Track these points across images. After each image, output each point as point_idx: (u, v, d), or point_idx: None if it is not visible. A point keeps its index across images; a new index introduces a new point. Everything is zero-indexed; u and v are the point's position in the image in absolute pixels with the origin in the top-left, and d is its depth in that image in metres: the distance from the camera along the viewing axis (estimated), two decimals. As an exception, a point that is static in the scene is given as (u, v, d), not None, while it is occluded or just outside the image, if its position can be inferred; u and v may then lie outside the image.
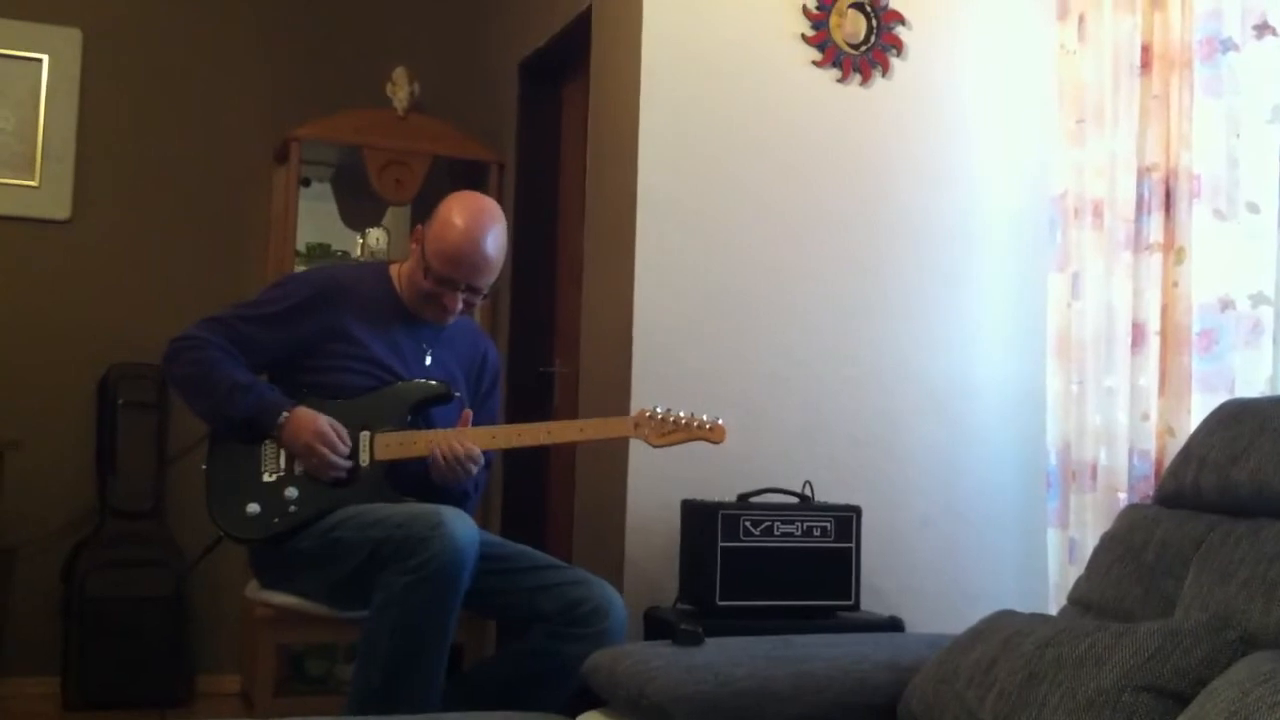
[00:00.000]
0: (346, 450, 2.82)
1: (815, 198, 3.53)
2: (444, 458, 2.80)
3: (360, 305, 2.95)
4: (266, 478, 2.83)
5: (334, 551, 2.73)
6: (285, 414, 2.81)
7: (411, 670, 2.58)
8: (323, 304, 2.92)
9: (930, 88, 3.65)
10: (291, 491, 2.82)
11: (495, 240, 2.92)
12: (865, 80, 3.58)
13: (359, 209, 4.71)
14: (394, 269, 3.06)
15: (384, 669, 2.58)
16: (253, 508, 2.81)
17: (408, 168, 4.44)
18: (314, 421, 2.80)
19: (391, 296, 3.00)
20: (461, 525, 2.60)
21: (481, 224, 2.91)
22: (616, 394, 3.37)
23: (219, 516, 2.85)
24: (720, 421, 2.94)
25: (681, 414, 2.92)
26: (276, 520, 2.81)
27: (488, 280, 2.94)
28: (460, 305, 2.93)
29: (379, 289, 3.00)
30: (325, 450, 2.79)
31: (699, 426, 2.92)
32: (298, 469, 2.83)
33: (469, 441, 2.83)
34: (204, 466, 2.89)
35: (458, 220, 2.90)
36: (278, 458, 2.83)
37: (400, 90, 4.49)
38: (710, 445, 2.95)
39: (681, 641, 2.44)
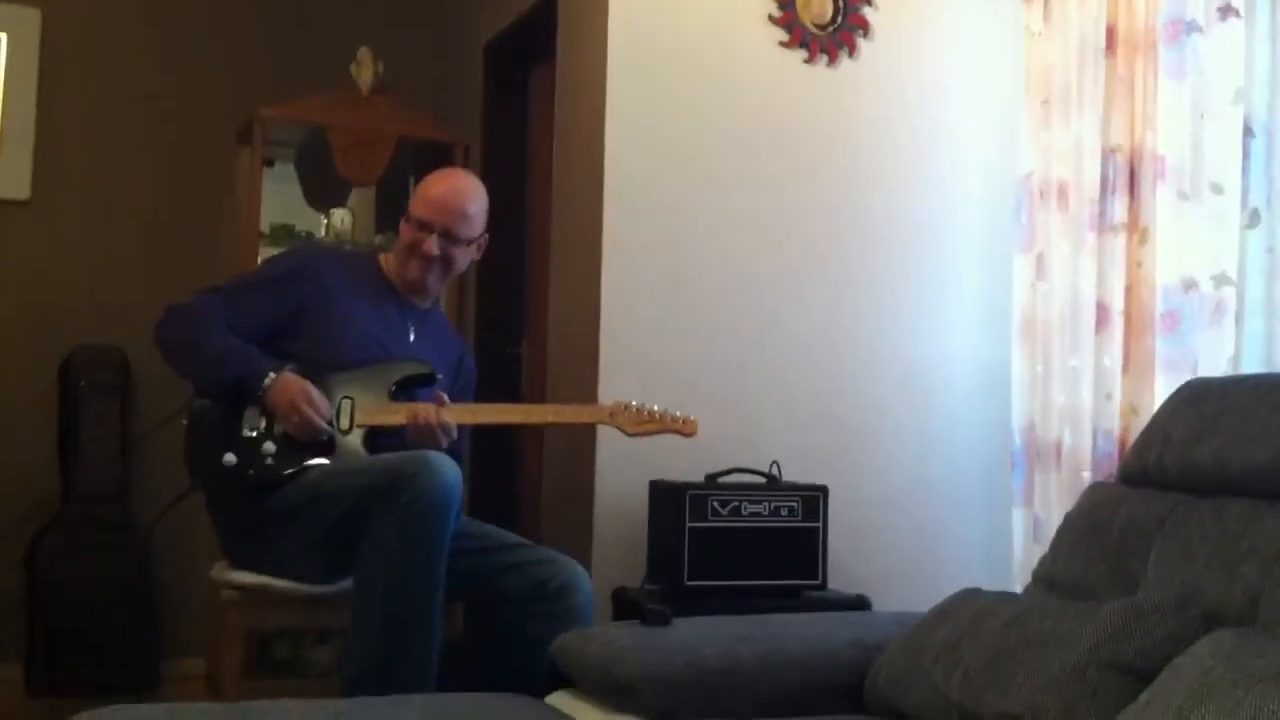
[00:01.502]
0: (329, 415, 2.86)
1: (782, 179, 3.53)
2: (418, 423, 2.85)
3: (351, 282, 3.05)
4: (246, 432, 2.87)
5: (316, 503, 2.77)
6: (272, 375, 2.85)
7: (411, 614, 2.60)
8: (314, 276, 3.01)
9: (897, 70, 3.65)
10: (269, 446, 2.86)
11: (473, 195, 3.09)
12: (832, 61, 3.58)
13: (323, 190, 4.67)
14: (383, 257, 3.17)
15: (382, 617, 2.59)
16: (229, 458, 2.85)
17: (372, 149, 4.41)
18: (300, 383, 2.85)
19: (380, 277, 3.11)
20: (447, 463, 2.64)
21: (461, 179, 3.15)
22: (583, 376, 3.37)
23: (195, 466, 2.91)
24: (693, 417, 3.01)
25: (656, 408, 3.01)
26: (252, 472, 2.84)
27: (465, 229, 3.04)
28: (437, 251, 3.01)
29: (370, 270, 3.13)
30: (308, 410, 2.83)
31: (673, 420, 3.01)
32: (278, 429, 2.86)
33: (447, 414, 2.88)
34: (184, 421, 2.94)
35: (440, 176, 3.14)
36: (258, 417, 2.87)
37: (365, 71, 4.45)
38: (680, 430, 3.02)
39: (650, 621, 2.45)
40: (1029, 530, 3.45)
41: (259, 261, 4.10)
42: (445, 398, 2.93)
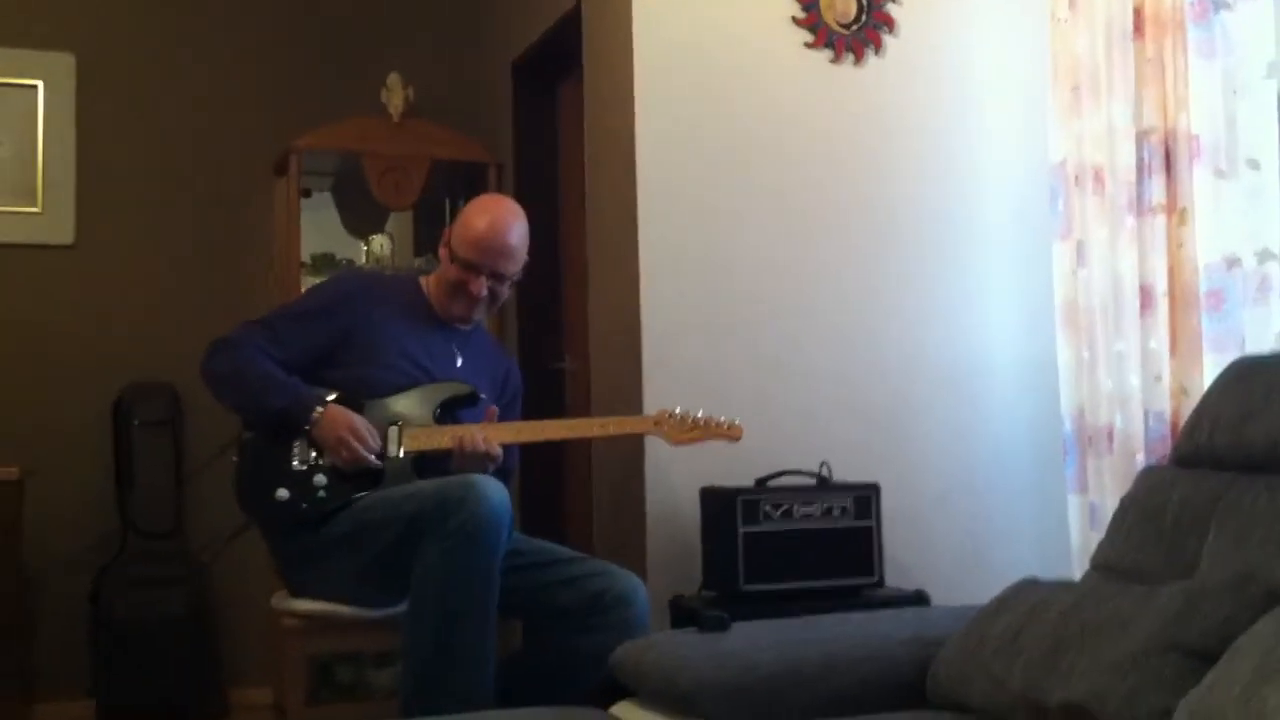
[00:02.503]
0: (377, 447, 2.88)
1: (815, 181, 3.53)
2: (465, 446, 2.86)
3: (394, 307, 3.08)
4: (296, 465, 2.89)
5: (367, 531, 2.79)
6: (319, 410, 2.88)
7: (463, 636, 2.62)
8: (357, 304, 3.04)
9: (924, 64, 3.65)
10: (320, 479, 2.88)
11: (518, 230, 3.07)
12: (859, 60, 3.58)
13: (361, 216, 4.72)
14: (424, 280, 3.19)
15: (434, 641, 2.62)
16: (282, 493, 2.88)
17: (407, 173, 4.45)
18: (347, 417, 2.88)
19: (423, 301, 3.13)
20: (494, 486, 2.66)
21: (504, 214, 3.09)
22: (628, 387, 3.38)
23: (248, 501, 2.95)
24: (738, 421, 3.00)
25: (700, 414, 3.01)
26: (305, 506, 2.87)
27: (511, 267, 3.06)
28: (485, 292, 3.03)
29: (411, 294, 3.14)
30: (356, 445, 2.85)
31: (718, 425, 3.01)
32: (327, 461, 2.88)
33: (493, 435, 2.89)
34: (234, 458, 2.98)
35: (482, 211, 3.09)
36: (307, 450, 2.90)
37: (395, 96, 4.49)
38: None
39: (707, 628, 2.45)
40: (1085, 517, 3.42)
41: (302, 290, 4.14)
42: (496, 411, 2.95)
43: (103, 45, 4.53)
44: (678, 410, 3.01)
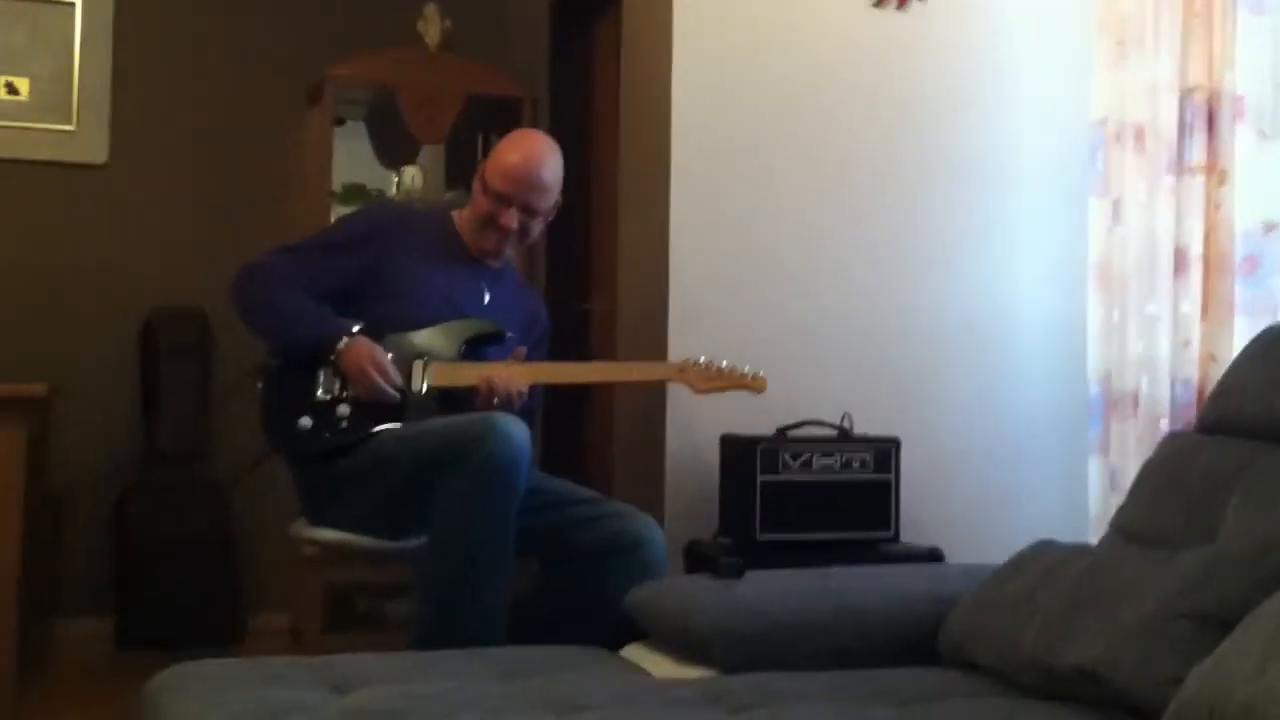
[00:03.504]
0: (399, 381, 2.89)
1: (849, 131, 3.49)
2: (491, 388, 2.86)
3: (424, 241, 3.07)
4: (321, 395, 2.91)
5: (387, 464, 2.81)
6: (345, 339, 2.89)
7: (479, 574, 2.64)
8: (387, 236, 3.04)
9: (968, 12, 3.59)
10: (344, 409, 2.90)
11: (552, 165, 3.07)
12: (902, 4, 3.52)
13: (393, 148, 4.71)
14: (456, 214, 3.17)
15: (452, 577, 2.64)
16: (305, 421, 2.89)
17: (440, 106, 4.43)
18: (370, 349, 2.88)
19: (454, 237, 3.12)
20: (515, 424, 2.66)
21: (540, 148, 3.09)
22: (654, 331, 3.37)
23: (272, 429, 2.97)
24: (762, 373, 2.99)
25: (725, 364, 3.00)
26: (328, 435, 2.89)
27: (543, 201, 3.05)
28: (515, 225, 3.02)
29: (443, 228, 3.14)
30: (376, 377, 2.85)
31: (741, 377, 3.00)
32: (350, 391, 2.89)
33: (519, 375, 2.89)
34: (259, 384, 2.99)
35: (517, 145, 3.10)
36: (333, 380, 2.91)
37: (432, 28, 4.46)
38: (750, 385, 3.02)
39: (722, 574, 2.46)
40: (1106, 480, 3.40)
41: (331, 220, 4.14)
42: (523, 352, 2.95)
43: (142, -33, 4.51)
44: (702, 359, 3.00)
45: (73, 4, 4.44)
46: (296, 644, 4.20)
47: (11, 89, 4.40)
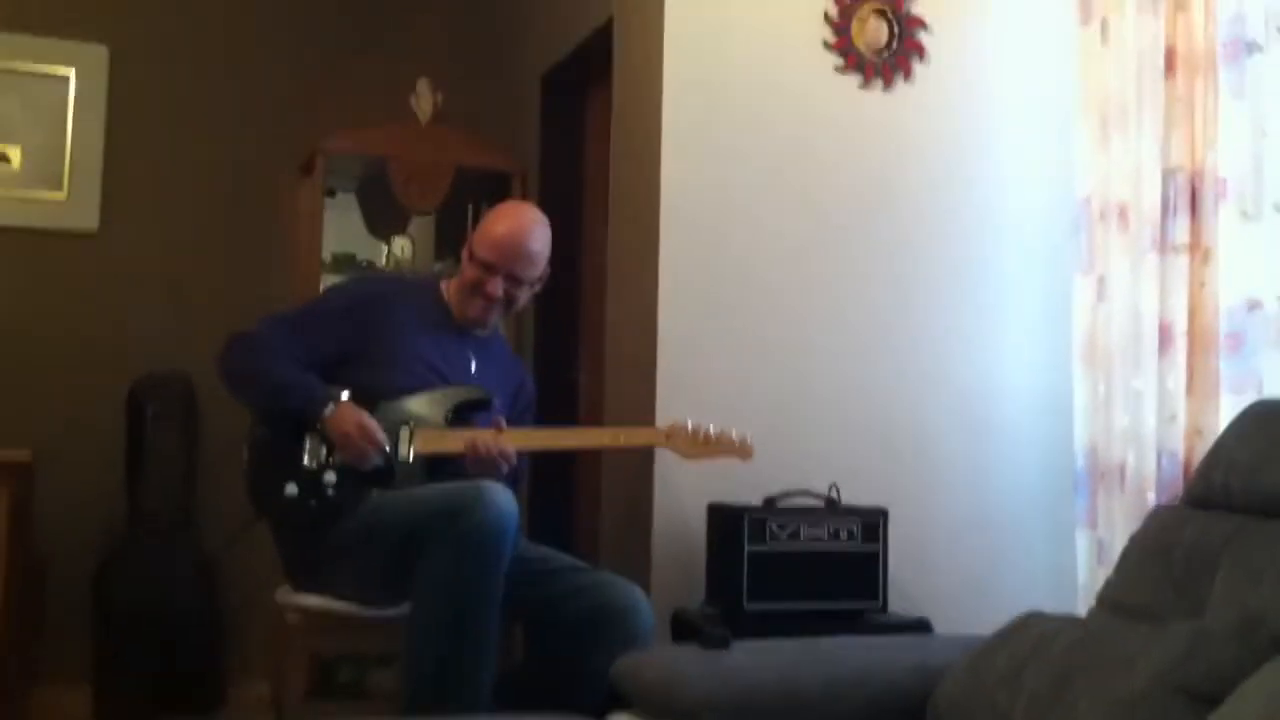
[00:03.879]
0: (385, 446, 2.89)
1: (840, 205, 3.53)
2: (477, 452, 2.87)
3: (413, 311, 3.09)
4: (307, 462, 2.91)
5: (374, 532, 2.80)
6: (331, 406, 2.88)
7: (464, 644, 2.62)
8: (377, 306, 3.06)
9: (953, 92, 3.65)
10: (330, 476, 2.89)
11: (539, 236, 3.09)
12: (888, 85, 3.58)
13: (384, 219, 4.74)
14: (444, 283, 3.20)
15: (437, 645, 2.61)
16: (291, 488, 2.89)
17: (431, 178, 4.46)
18: (357, 414, 2.88)
19: (442, 306, 3.14)
20: (501, 492, 2.66)
21: (527, 219, 3.13)
22: (641, 400, 3.38)
23: (258, 496, 2.96)
24: (750, 439, 2.98)
25: (712, 429, 2.99)
26: (314, 502, 2.88)
27: (528, 271, 3.07)
28: (501, 293, 3.04)
29: (431, 298, 3.16)
30: (363, 442, 2.86)
31: (729, 443, 3.01)
32: (338, 459, 2.89)
33: (505, 440, 2.90)
34: (245, 453, 2.98)
35: (505, 215, 3.14)
36: (319, 447, 2.91)
37: (424, 101, 4.51)
38: (738, 452, 3.01)
39: (708, 644, 2.45)
40: (1093, 553, 3.41)
41: (321, 289, 4.16)
42: (503, 422, 2.95)
43: (136, 38, 4.56)
44: (690, 424, 3.00)
45: (67, 75, 4.47)
46: (278, 714, 4.14)
47: (3, 158, 4.43)
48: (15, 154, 4.43)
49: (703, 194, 3.41)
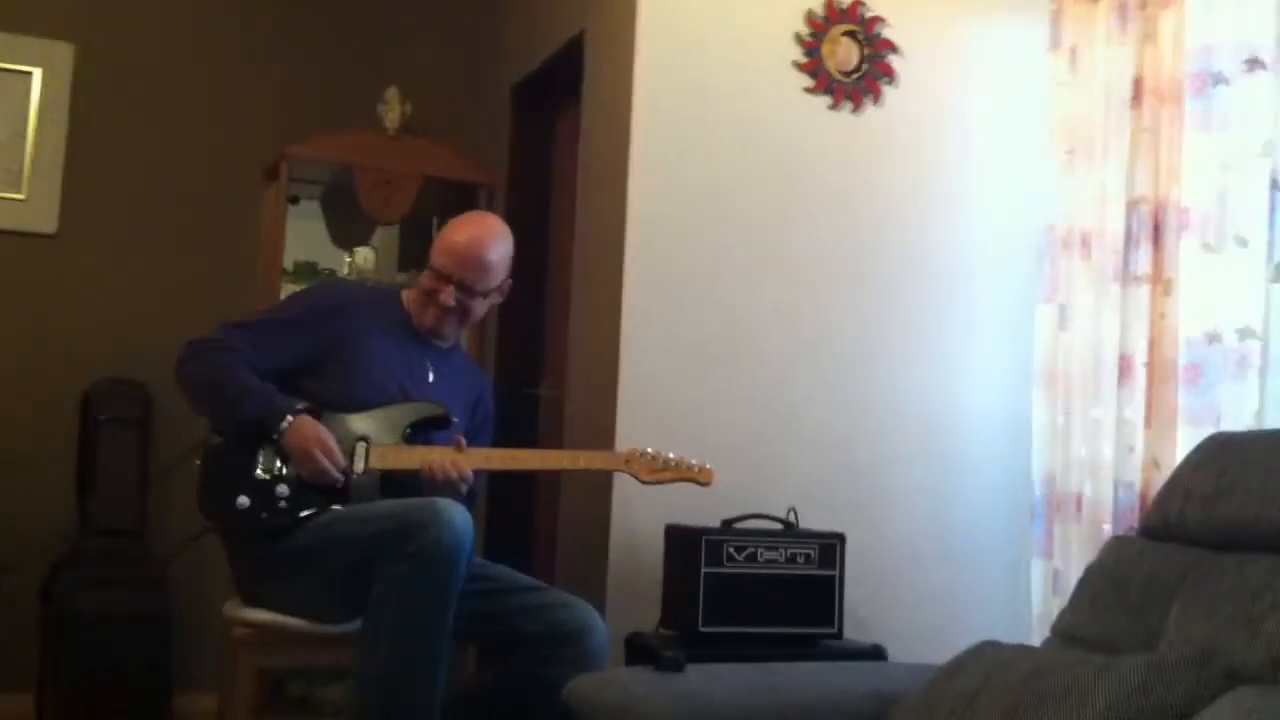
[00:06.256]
0: (344, 463, 2.85)
1: (805, 225, 3.53)
2: (434, 473, 2.83)
3: (373, 320, 3.04)
4: (260, 474, 2.85)
5: (327, 547, 2.76)
6: (290, 419, 2.84)
7: (415, 662, 2.58)
8: (339, 314, 3.02)
9: (921, 117, 3.66)
10: (283, 489, 2.84)
11: (496, 248, 3.04)
12: (857, 108, 3.58)
13: (348, 228, 4.70)
14: (405, 293, 3.16)
15: (387, 663, 2.58)
16: (242, 500, 2.83)
17: (397, 187, 4.43)
18: (315, 429, 2.84)
19: (402, 316, 3.10)
20: (457, 510, 2.63)
21: (485, 229, 3.07)
22: (602, 418, 3.36)
23: (209, 506, 2.90)
24: (709, 466, 2.98)
25: (672, 456, 2.98)
26: (265, 515, 2.83)
27: (482, 281, 3.01)
28: (452, 302, 3.00)
29: (391, 308, 3.11)
30: (322, 458, 2.81)
31: (689, 468, 2.98)
32: (291, 472, 2.85)
33: (463, 461, 2.86)
34: (197, 462, 2.93)
35: (464, 224, 3.08)
36: (273, 458, 2.86)
37: (392, 110, 4.48)
38: (697, 476, 3.01)
39: (663, 668, 2.43)
40: (1049, 582, 3.41)
41: (282, 297, 4.11)
42: (463, 441, 2.92)
43: (103, 38, 4.50)
44: (650, 450, 2.98)
45: (32, 73, 4.42)
46: (224, 728, 4.10)
47: (-37, 156, 4.36)
48: (-25, 153, 4.37)
49: (669, 212, 3.40)
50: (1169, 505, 2.35)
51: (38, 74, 4.43)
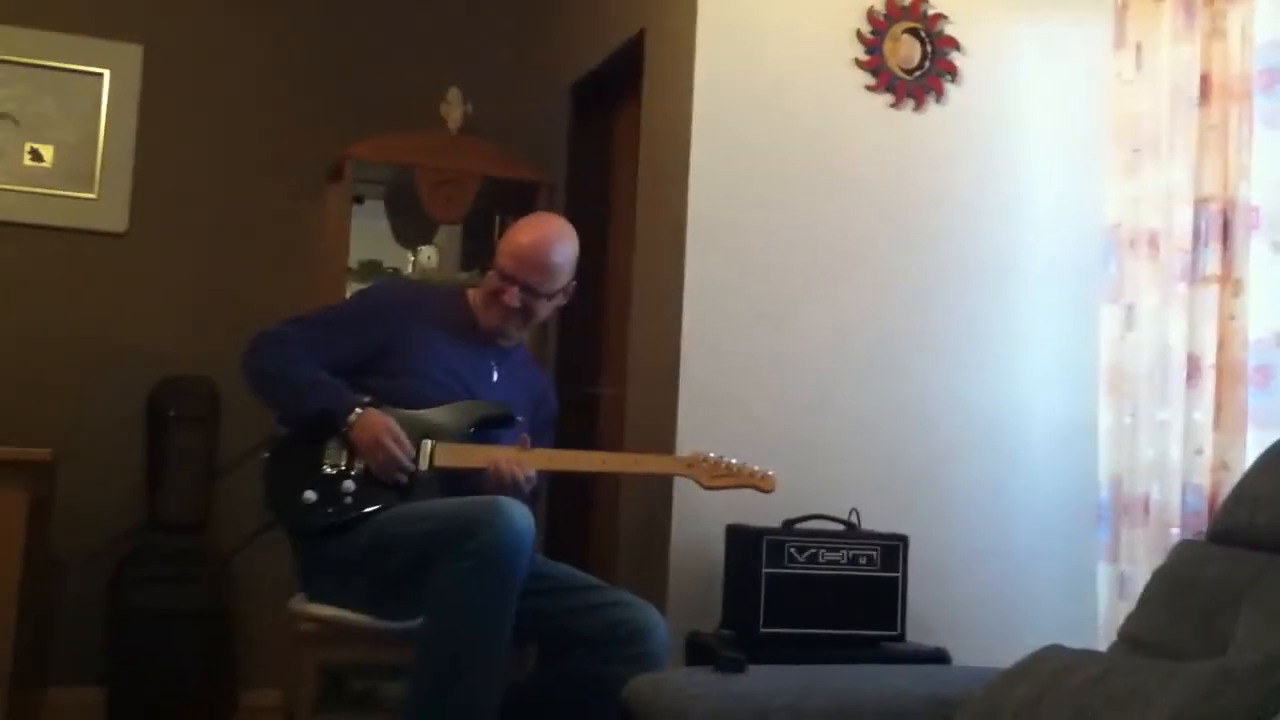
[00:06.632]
0: (413, 453, 2.87)
1: (866, 225, 3.51)
2: (499, 473, 2.84)
3: (437, 319, 3.06)
4: (327, 469, 2.88)
5: (389, 545, 2.77)
6: (358, 411, 2.86)
7: (475, 660, 2.59)
8: (402, 312, 3.04)
9: (985, 115, 3.63)
10: (349, 485, 2.87)
11: (562, 250, 3.05)
12: (919, 106, 3.56)
13: (411, 227, 4.74)
14: (470, 292, 3.17)
15: (447, 660, 2.59)
16: (309, 495, 2.86)
17: (458, 187, 4.46)
18: (385, 420, 2.86)
19: (466, 314, 3.11)
20: (518, 509, 2.63)
21: (552, 231, 3.08)
22: (663, 419, 3.37)
23: (275, 501, 2.92)
24: (771, 473, 2.97)
25: (734, 461, 2.97)
26: (331, 510, 2.85)
27: (546, 283, 3.03)
28: (517, 303, 3.00)
29: (455, 305, 3.13)
30: (393, 447, 2.84)
31: (751, 474, 2.98)
32: (358, 467, 2.88)
33: (526, 461, 2.87)
34: (265, 455, 2.96)
35: (530, 225, 3.11)
36: (340, 453, 2.89)
37: (454, 111, 4.51)
38: (759, 477, 3.00)
39: (723, 668, 2.42)
40: (1115, 586, 3.37)
41: (346, 295, 4.15)
42: (529, 441, 2.93)
43: (171, 40, 4.57)
44: (712, 454, 2.98)
45: (102, 74, 4.49)
46: (288, 722, 4.15)
47: (36, 155, 4.44)
48: (48, 152, 4.45)
49: (730, 213, 3.40)
50: (1238, 509, 2.32)
51: (107, 75, 4.50)
